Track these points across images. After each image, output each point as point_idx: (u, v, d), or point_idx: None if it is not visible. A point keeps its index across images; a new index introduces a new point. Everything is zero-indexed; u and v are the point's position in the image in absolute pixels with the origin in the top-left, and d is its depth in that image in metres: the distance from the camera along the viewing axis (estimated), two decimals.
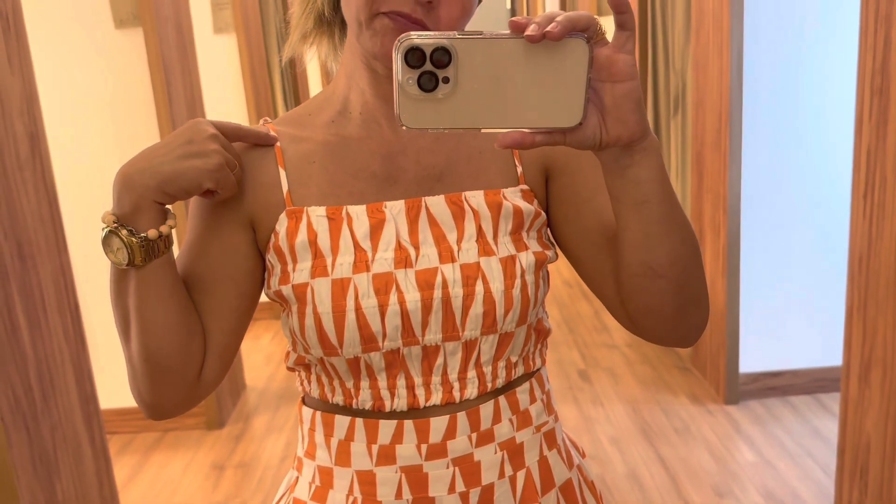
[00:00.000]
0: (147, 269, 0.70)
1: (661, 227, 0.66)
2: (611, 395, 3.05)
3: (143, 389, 0.75)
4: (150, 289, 0.71)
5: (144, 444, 2.91)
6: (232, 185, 0.73)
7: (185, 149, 0.69)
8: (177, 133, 0.71)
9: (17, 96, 1.75)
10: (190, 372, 0.75)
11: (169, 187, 0.69)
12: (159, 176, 0.68)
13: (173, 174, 0.68)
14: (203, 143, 0.70)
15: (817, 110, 2.72)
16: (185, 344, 0.73)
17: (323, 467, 0.79)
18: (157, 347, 0.72)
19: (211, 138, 0.70)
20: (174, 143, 0.70)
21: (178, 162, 0.69)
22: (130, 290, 0.71)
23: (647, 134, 0.61)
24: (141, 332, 0.72)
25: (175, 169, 0.68)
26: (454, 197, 0.75)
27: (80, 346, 1.95)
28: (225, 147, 0.72)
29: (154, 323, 0.72)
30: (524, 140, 0.57)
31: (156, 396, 0.75)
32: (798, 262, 2.83)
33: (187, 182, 0.69)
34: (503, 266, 0.73)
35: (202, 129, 0.71)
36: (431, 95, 0.55)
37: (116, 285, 0.73)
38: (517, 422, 0.79)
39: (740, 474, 2.45)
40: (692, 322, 0.74)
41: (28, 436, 1.68)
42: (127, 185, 0.69)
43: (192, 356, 0.74)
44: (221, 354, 0.77)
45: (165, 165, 0.69)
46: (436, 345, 0.73)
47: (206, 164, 0.69)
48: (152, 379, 0.73)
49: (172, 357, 0.73)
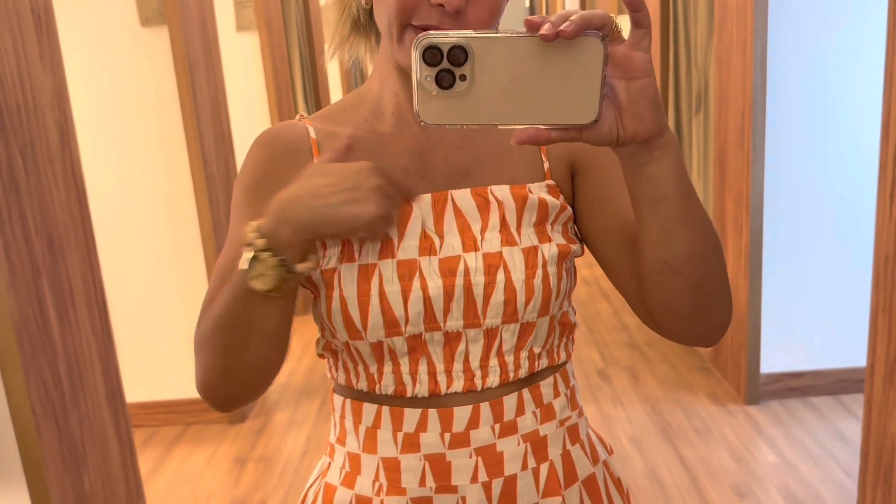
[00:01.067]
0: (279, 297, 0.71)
1: (678, 224, 0.66)
2: (630, 395, 3.04)
3: (233, 391, 0.77)
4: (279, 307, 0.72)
5: (167, 438, 2.95)
6: (383, 236, 0.74)
7: (349, 194, 0.69)
8: (345, 173, 0.70)
9: (48, 92, 1.77)
10: (276, 372, 0.78)
11: (326, 230, 0.69)
12: (320, 218, 0.68)
13: (334, 219, 0.68)
14: (367, 194, 0.69)
15: (843, 108, 2.70)
16: (284, 352, 0.76)
17: (352, 453, 0.81)
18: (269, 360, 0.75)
19: (375, 189, 0.70)
20: (340, 185, 0.69)
21: (340, 207, 0.68)
22: (256, 306, 0.71)
23: (664, 131, 0.61)
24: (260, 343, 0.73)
25: (338, 214, 0.68)
26: (480, 190, 0.77)
27: (108, 341, 1.98)
28: (388, 196, 0.71)
29: (272, 334, 0.73)
30: (540, 136, 0.58)
31: (241, 397, 0.78)
32: (821, 261, 2.81)
33: (344, 229, 0.69)
34: (525, 256, 0.75)
35: (368, 177, 0.70)
36: (449, 92, 0.57)
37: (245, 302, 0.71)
38: (541, 415, 0.80)
39: (761, 475, 2.44)
40: (712, 320, 0.74)
41: (57, 428, 1.71)
42: (288, 217, 0.68)
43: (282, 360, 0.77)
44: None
45: (329, 209, 0.68)
46: (457, 331, 0.75)
47: (365, 216, 0.69)
48: (250, 384, 0.76)
49: (276, 362, 0.76)
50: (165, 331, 2.95)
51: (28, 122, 1.69)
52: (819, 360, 2.89)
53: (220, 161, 2.99)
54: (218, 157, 2.98)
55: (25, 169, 1.67)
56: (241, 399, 0.78)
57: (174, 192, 2.83)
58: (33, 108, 1.71)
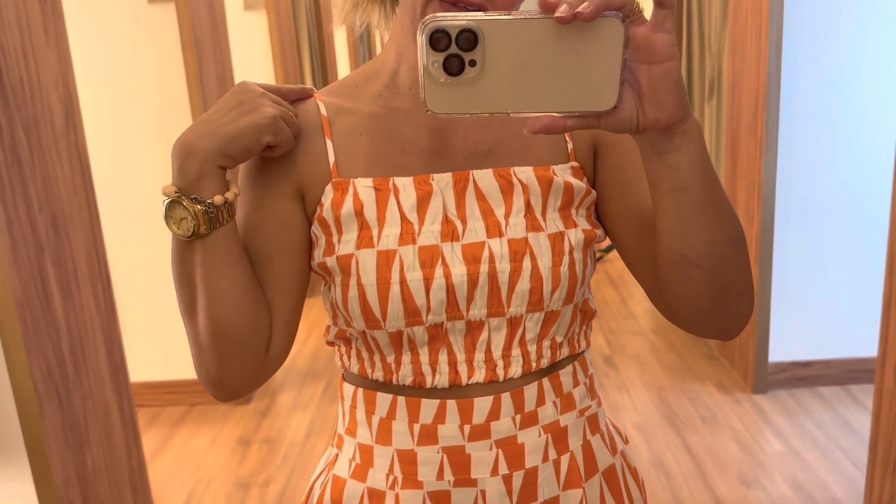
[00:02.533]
0: (213, 238, 0.69)
1: (698, 214, 0.63)
2: (637, 383, 3.02)
3: (212, 367, 0.73)
4: (217, 258, 0.70)
5: (172, 418, 2.95)
6: (290, 138, 0.73)
7: (238, 109, 0.69)
8: (227, 97, 0.71)
9: (52, 68, 1.75)
10: (259, 345, 0.73)
11: (230, 148, 0.68)
12: (220, 139, 0.68)
13: (234, 134, 0.68)
14: (254, 100, 0.70)
15: (858, 95, 2.66)
16: (254, 314, 0.72)
17: (364, 445, 0.78)
18: (227, 318, 0.71)
19: (261, 95, 0.71)
20: (227, 105, 0.70)
21: (236, 121, 0.68)
22: (196, 262, 0.70)
23: (687, 117, 0.58)
24: (209, 304, 0.70)
25: (234, 128, 0.68)
26: (502, 171, 0.74)
27: (111, 318, 1.97)
28: (275, 101, 0.72)
29: (222, 292, 0.70)
30: (555, 125, 0.54)
31: (225, 373, 0.73)
32: (833, 250, 2.78)
33: (248, 139, 0.69)
34: (551, 242, 0.72)
35: (251, 89, 0.71)
36: (458, 79, 0.53)
37: (180, 258, 0.71)
38: (561, 405, 0.77)
39: (768, 464, 2.42)
40: (731, 315, 0.71)
41: (60, 406, 1.70)
42: (188, 152, 0.68)
43: (260, 328, 0.73)
44: (285, 328, 0.76)
45: (224, 127, 0.68)
46: (480, 320, 0.72)
47: (263, 118, 0.69)
48: (221, 354, 0.72)
49: (242, 328, 0.71)
50: (170, 311, 2.94)
51: (32, 97, 1.67)
52: (828, 349, 2.86)
53: None
54: None
55: (29, 145, 1.65)
56: (234, 380, 0.73)
57: None
58: (38, 84, 1.69)
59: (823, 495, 2.24)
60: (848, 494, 2.24)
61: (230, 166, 0.70)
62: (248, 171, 0.78)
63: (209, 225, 0.68)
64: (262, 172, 0.77)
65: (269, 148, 0.72)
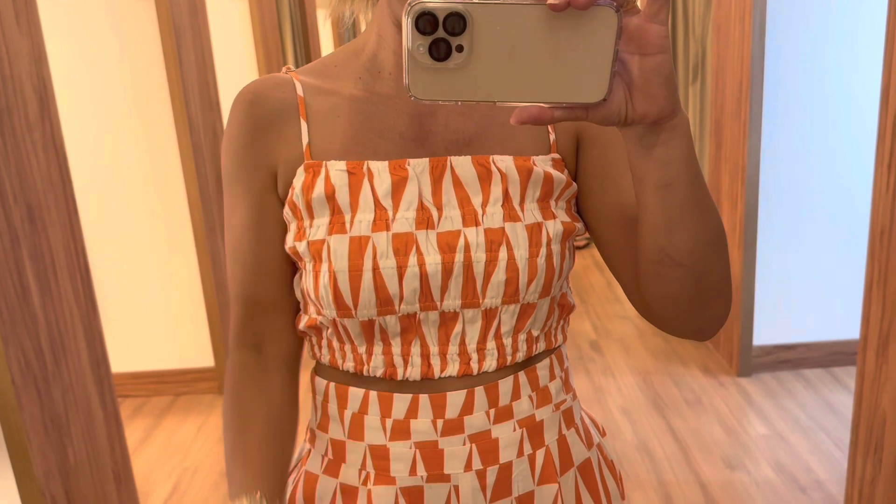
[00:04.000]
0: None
1: (683, 212, 0.61)
2: (622, 367, 3.03)
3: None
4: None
5: (157, 408, 2.93)
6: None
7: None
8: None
9: (25, 56, 1.72)
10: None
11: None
12: None
13: None
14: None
15: (842, 78, 2.66)
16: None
17: (336, 440, 0.77)
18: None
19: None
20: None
21: None
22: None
23: (676, 111, 0.56)
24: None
25: None
26: (481, 159, 0.72)
27: (91, 310, 1.95)
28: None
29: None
30: (542, 115, 0.52)
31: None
32: (816, 234, 2.79)
33: None
34: (529, 233, 0.70)
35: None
36: (443, 65, 0.51)
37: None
38: (537, 399, 0.76)
39: (752, 447, 2.43)
40: (709, 315, 0.70)
41: (39, 399, 1.68)
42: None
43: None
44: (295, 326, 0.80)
45: None
46: (454, 311, 0.71)
47: None
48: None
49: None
50: (153, 300, 2.92)
51: (4, 87, 1.64)
52: (811, 332, 2.88)
53: (207, 128, 2.94)
54: (205, 124, 2.92)
55: (2, 136, 1.62)
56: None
57: (160, 160, 2.78)
58: (10, 73, 1.66)
59: (806, 476, 2.26)
60: (830, 475, 2.26)
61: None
62: (230, 156, 0.76)
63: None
64: (243, 160, 0.75)
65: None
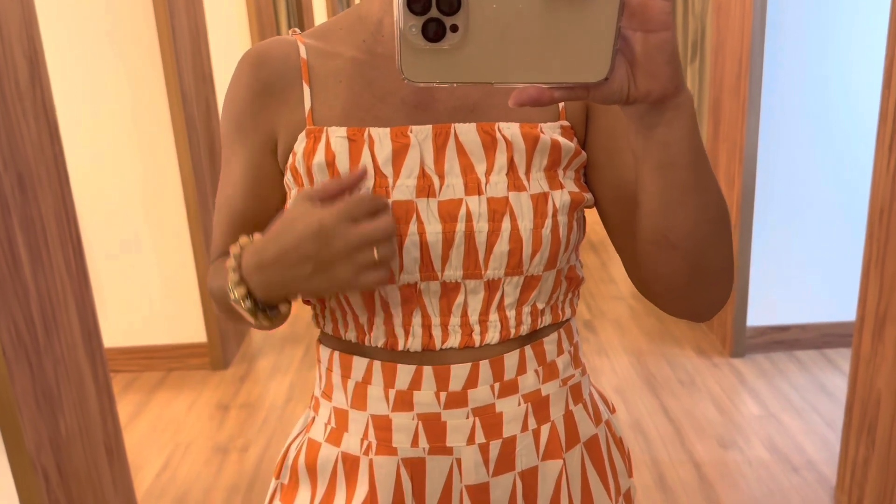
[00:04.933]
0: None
1: (682, 194, 0.60)
2: (616, 347, 3.03)
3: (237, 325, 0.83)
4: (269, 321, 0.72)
5: (148, 384, 2.92)
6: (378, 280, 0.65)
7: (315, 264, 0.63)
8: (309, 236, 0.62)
9: (15, 21, 1.68)
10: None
11: (305, 294, 0.69)
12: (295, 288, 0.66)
13: (309, 291, 0.65)
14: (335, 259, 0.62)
15: (844, 57, 2.64)
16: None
17: (339, 409, 0.76)
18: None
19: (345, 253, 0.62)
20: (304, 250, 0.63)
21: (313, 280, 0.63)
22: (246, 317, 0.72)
23: (680, 90, 0.54)
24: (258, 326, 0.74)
25: (310, 287, 0.64)
26: (486, 126, 0.70)
27: (83, 281, 1.92)
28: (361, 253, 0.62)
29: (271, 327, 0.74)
30: (542, 96, 0.50)
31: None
32: (812, 215, 2.78)
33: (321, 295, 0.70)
34: (534, 203, 0.68)
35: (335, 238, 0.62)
36: (438, 46, 0.49)
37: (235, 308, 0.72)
38: (543, 374, 0.75)
39: (745, 427, 2.44)
40: (707, 298, 0.68)
41: (31, 371, 1.66)
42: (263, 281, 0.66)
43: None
44: None
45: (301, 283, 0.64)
46: (455, 281, 0.70)
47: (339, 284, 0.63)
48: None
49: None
50: (146, 275, 2.90)
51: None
52: (805, 314, 2.88)
53: (200, 100, 2.90)
54: (198, 96, 2.88)
55: None
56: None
57: (153, 132, 2.74)
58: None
59: (799, 457, 2.27)
60: (823, 456, 2.27)
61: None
62: (230, 119, 0.76)
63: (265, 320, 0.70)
64: (243, 123, 0.75)
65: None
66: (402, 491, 0.73)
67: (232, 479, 2.29)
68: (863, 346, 1.95)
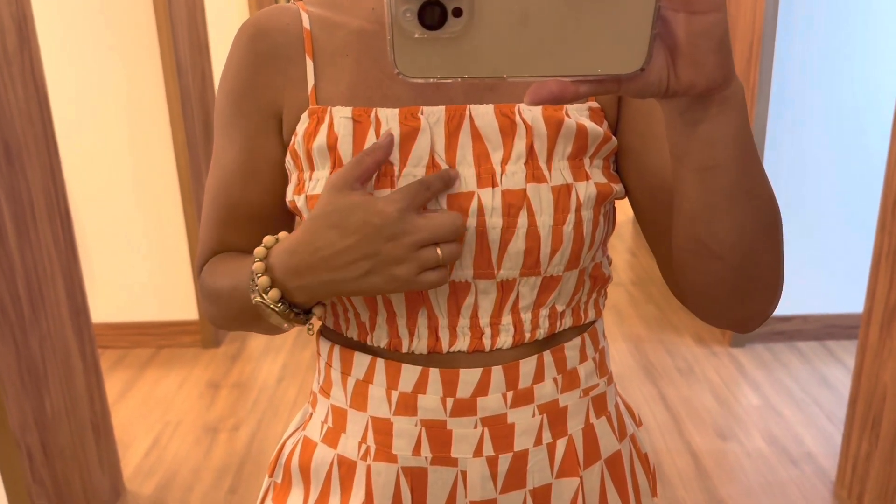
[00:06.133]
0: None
1: (727, 199, 0.52)
2: (615, 334, 3.00)
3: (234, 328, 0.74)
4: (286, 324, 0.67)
5: (138, 360, 2.87)
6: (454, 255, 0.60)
7: (369, 264, 0.58)
8: (361, 232, 0.57)
9: None
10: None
11: (350, 295, 0.63)
12: (341, 290, 0.60)
13: (358, 291, 0.60)
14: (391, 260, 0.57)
15: (858, 43, 2.58)
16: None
17: (337, 408, 0.70)
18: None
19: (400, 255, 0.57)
20: (356, 250, 0.57)
21: (362, 281, 0.58)
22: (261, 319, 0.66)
23: (729, 81, 0.47)
24: (267, 330, 0.70)
25: (359, 288, 0.59)
26: (505, 108, 0.62)
27: (71, 256, 1.86)
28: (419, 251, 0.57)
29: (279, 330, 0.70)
30: (565, 92, 0.43)
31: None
32: (818, 207, 2.73)
33: (371, 295, 0.63)
34: (555, 196, 0.61)
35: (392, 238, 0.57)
36: (438, 34, 0.41)
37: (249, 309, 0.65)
38: (562, 382, 0.68)
39: (744, 418, 2.41)
40: (750, 310, 0.61)
41: (15, 347, 1.61)
42: (303, 285, 0.61)
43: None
44: None
45: (349, 284, 0.59)
46: (465, 281, 0.63)
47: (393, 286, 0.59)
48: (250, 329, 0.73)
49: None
50: (137, 250, 2.83)
51: None
52: (807, 305, 2.84)
53: (195, 71, 2.82)
54: (194, 67, 2.80)
55: None
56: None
57: (146, 103, 2.67)
58: None
59: (798, 449, 2.24)
60: (823, 449, 2.24)
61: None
62: (227, 95, 0.69)
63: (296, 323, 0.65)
64: (242, 101, 0.68)
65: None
66: (402, 502, 0.67)
67: (222, 459, 2.25)
68: (870, 339, 1.91)
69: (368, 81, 0.65)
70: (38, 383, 1.69)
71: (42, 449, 1.70)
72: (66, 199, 1.85)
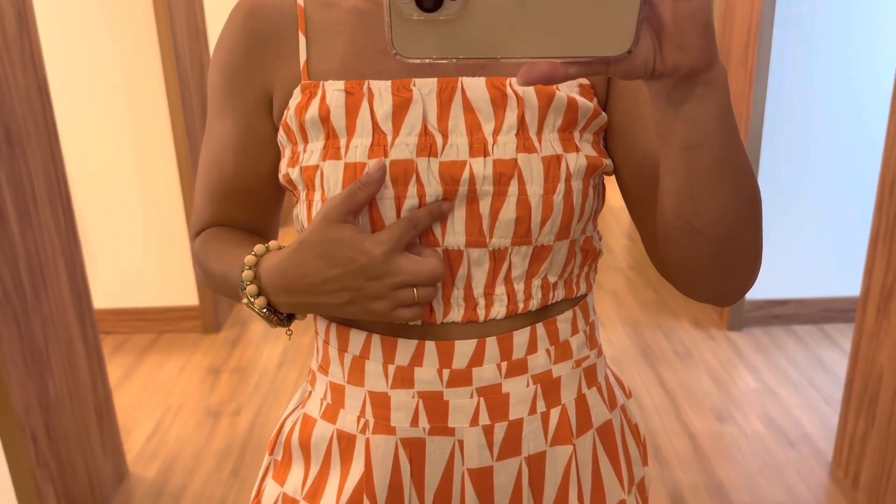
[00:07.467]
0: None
1: (710, 177, 0.54)
2: (612, 318, 3.01)
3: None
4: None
5: (139, 346, 2.88)
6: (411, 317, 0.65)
7: (350, 295, 0.63)
8: (346, 266, 0.62)
9: None
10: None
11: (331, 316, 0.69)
12: (322, 311, 0.67)
13: (339, 313, 0.65)
14: (373, 295, 0.62)
15: (857, 26, 2.58)
16: None
17: (335, 384, 0.72)
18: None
19: (381, 293, 0.62)
20: (340, 281, 0.62)
21: (346, 308, 0.64)
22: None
23: (713, 63, 0.49)
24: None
25: (342, 312, 0.65)
26: (497, 81, 0.64)
27: (72, 240, 1.87)
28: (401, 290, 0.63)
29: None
30: (555, 73, 0.45)
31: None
32: (815, 190, 2.74)
33: (348, 317, 0.67)
34: (545, 167, 0.63)
35: (374, 277, 0.62)
36: (434, 16, 0.43)
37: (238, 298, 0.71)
38: (555, 354, 0.70)
39: (741, 400, 2.43)
40: (731, 284, 0.64)
41: (18, 330, 1.62)
42: (288, 300, 0.66)
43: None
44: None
45: (331, 309, 0.65)
46: (458, 249, 0.64)
47: (374, 314, 0.64)
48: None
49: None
50: (138, 236, 2.84)
51: None
52: (804, 288, 2.86)
53: (193, 57, 2.82)
54: (191, 53, 2.80)
55: None
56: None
57: (145, 90, 2.66)
58: None
59: (795, 431, 2.26)
60: (819, 431, 2.26)
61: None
62: (220, 70, 0.71)
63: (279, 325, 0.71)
64: (235, 78, 0.70)
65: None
66: (400, 472, 0.69)
67: (223, 443, 2.26)
68: (866, 321, 1.93)
69: (361, 57, 0.67)
70: (42, 366, 1.70)
71: (46, 432, 1.71)
72: (66, 183, 1.85)
